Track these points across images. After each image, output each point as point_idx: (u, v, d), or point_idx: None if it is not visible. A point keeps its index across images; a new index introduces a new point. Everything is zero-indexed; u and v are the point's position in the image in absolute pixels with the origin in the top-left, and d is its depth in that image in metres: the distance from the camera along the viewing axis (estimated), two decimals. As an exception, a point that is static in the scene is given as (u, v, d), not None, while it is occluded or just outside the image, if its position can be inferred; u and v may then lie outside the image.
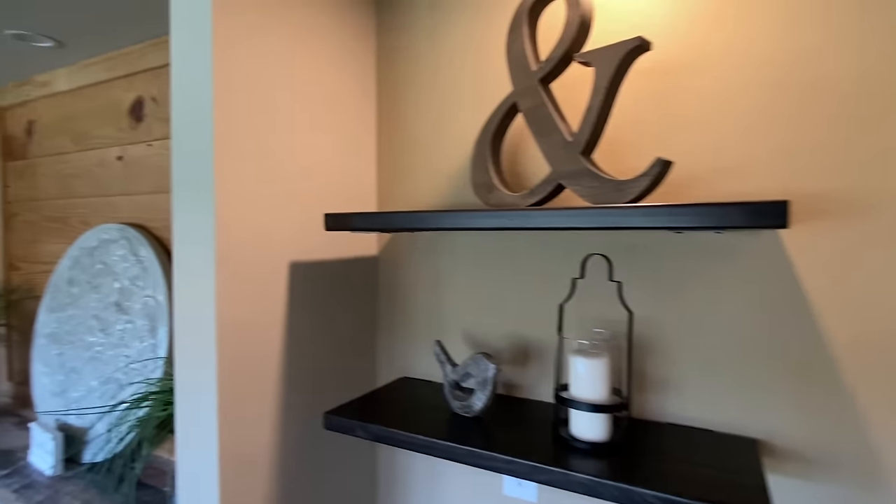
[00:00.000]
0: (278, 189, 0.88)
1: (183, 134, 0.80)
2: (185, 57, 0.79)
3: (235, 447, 0.82)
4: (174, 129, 0.81)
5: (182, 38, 0.79)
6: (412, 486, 1.11)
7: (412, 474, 1.11)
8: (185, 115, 0.80)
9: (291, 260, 0.91)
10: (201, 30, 0.77)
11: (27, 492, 1.30)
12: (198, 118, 0.78)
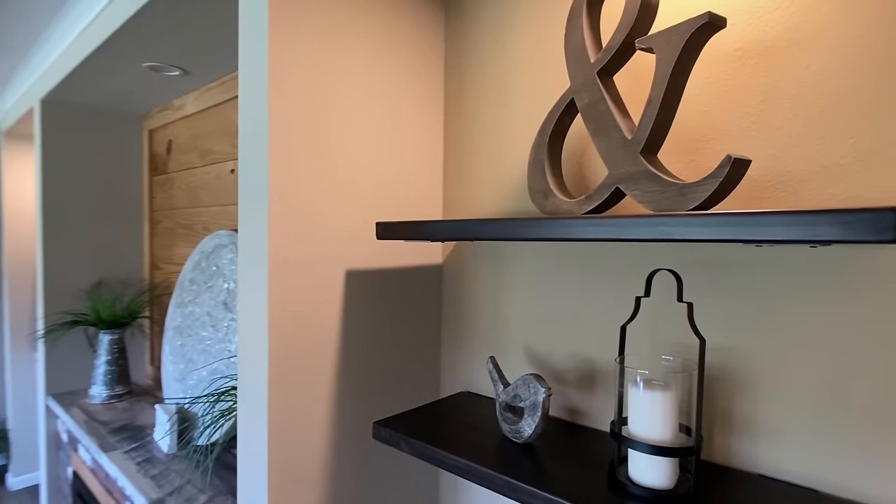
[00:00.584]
0: (337, 200, 0.89)
1: (246, 149, 0.85)
2: (247, 79, 0.84)
3: (283, 451, 0.84)
4: (241, 145, 0.86)
5: (246, 62, 0.84)
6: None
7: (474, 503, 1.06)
8: (246, 133, 0.85)
9: (348, 268, 0.92)
10: (259, 51, 0.81)
11: (146, 465, 1.48)
12: (256, 135, 0.83)
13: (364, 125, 0.93)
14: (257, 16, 0.82)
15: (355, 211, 0.93)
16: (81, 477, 1.88)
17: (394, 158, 0.99)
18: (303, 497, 0.87)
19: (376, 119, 0.95)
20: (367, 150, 0.94)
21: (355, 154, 0.92)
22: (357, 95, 0.92)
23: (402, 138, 1.00)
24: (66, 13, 1.59)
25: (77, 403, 2.03)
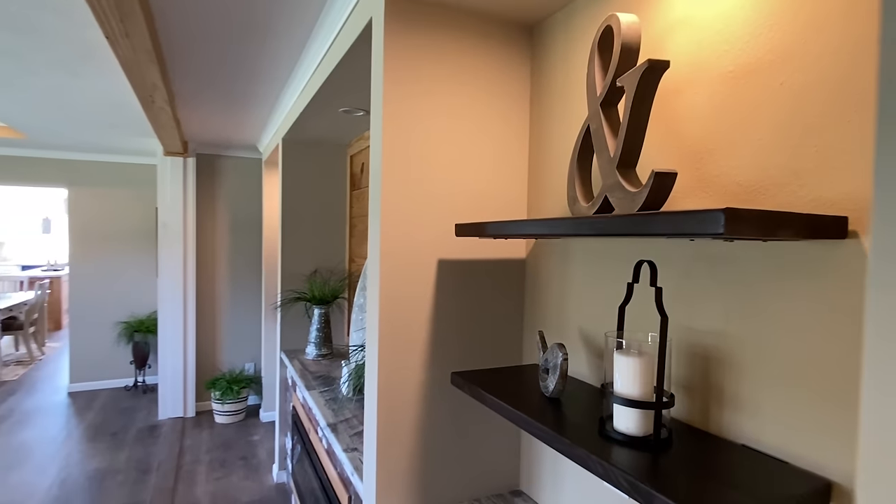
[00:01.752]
0: (432, 205, 1.22)
1: (372, 171, 1.24)
2: (374, 118, 1.23)
3: (389, 403, 1.20)
4: (371, 168, 1.26)
5: (375, 101, 1.23)
6: (546, 465, 1.28)
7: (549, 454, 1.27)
8: (373, 158, 1.24)
9: (439, 258, 1.24)
10: (377, 98, 1.19)
11: (331, 402, 2.03)
12: (375, 160, 1.21)
13: (457, 147, 1.24)
14: (377, 71, 1.20)
15: (447, 214, 1.24)
16: (297, 410, 2.59)
17: (483, 173, 1.28)
18: (400, 423, 1.22)
19: (469, 142, 1.26)
20: (459, 166, 1.25)
21: (449, 169, 1.24)
22: (455, 125, 1.23)
23: (492, 157, 1.28)
24: (293, 78, 2.26)
25: (298, 358, 2.78)
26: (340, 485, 1.68)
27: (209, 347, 4.22)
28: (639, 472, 0.69)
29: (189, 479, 3.04)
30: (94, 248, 4.72)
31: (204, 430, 3.80)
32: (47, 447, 3.45)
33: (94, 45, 1.83)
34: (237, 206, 4.29)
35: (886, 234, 0.50)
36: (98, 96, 2.57)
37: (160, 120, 2.75)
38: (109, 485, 2.96)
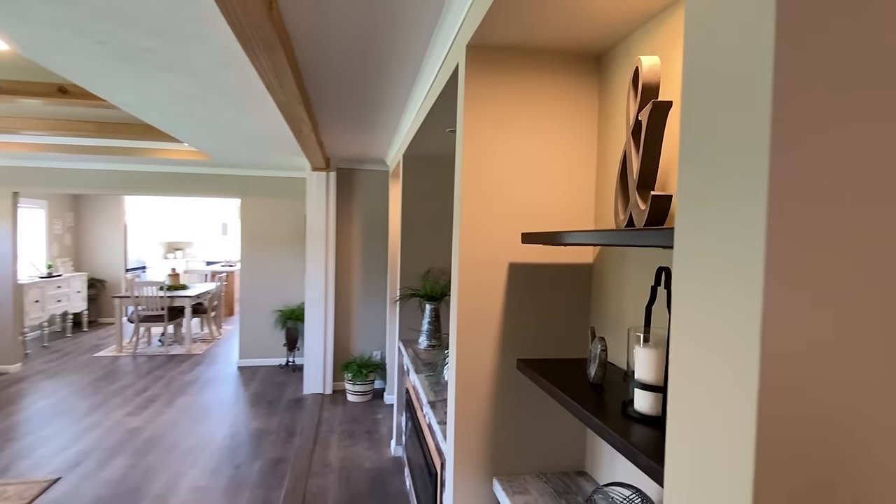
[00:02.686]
0: (507, 218, 1.45)
1: (455, 185, 1.50)
2: (457, 141, 1.49)
3: (466, 383, 1.45)
4: (455, 183, 1.52)
5: (458, 130, 1.49)
6: (605, 447, 1.43)
7: (600, 434, 1.42)
8: (456, 174, 1.50)
9: (511, 261, 1.46)
10: (460, 125, 1.45)
11: (435, 385, 2.34)
12: (457, 176, 1.47)
13: (528, 165, 1.45)
14: (460, 106, 1.45)
15: (518, 224, 1.46)
16: (409, 392, 2.96)
17: (552, 187, 1.47)
18: (474, 401, 1.46)
19: (539, 161, 1.46)
20: (530, 181, 1.46)
21: (520, 185, 1.45)
22: (526, 147, 1.45)
23: (560, 173, 1.47)
24: (407, 107, 2.62)
25: (412, 347, 3.15)
26: (436, 453, 1.97)
27: (344, 335, 4.86)
28: (636, 441, 0.85)
29: (324, 444, 3.60)
30: (259, 247, 5.68)
31: (338, 406, 4.41)
32: (221, 408, 4.31)
33: (258, 92, 2.36)
34: (368, 213, 4.88)
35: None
36: (262, 127, 3.21)
37: (307, 143, 3.33)
38: (265, 441, 3.64)
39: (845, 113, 0.44)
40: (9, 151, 4.68)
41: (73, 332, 7.17)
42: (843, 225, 0.45)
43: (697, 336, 0.53)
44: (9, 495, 2.81)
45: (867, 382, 0.46)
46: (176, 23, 1.62)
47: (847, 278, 0.45)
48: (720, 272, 0.49)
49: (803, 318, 0.44)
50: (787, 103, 0.43)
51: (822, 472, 0.46)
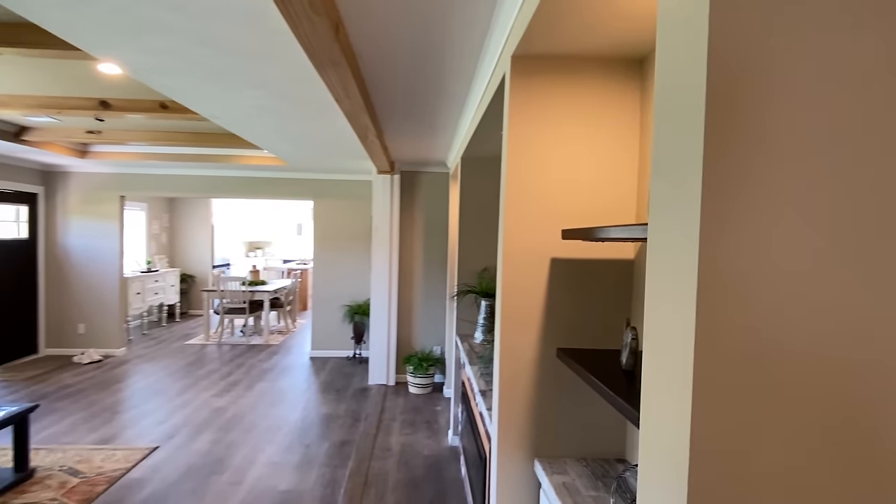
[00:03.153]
0: (549, 215, 1.54)
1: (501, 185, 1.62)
2: (503, 145, 1.60)
3: (509, 371, 1.56)
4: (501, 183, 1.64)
5: (504, 134, 1.60)
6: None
7: (638, 423, 1.49)
8: (502, 176, 1.61)
9: (552, 256, 1.55)
10: (505, 129, 1.56)
11: (486, 376, 2.45)
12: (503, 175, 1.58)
13: (570, 166, 1.54)
14: (506, 112, 1.57)
15: (560, 221, 1.55)
16: (465, 384, 3.09)
17: (593, 185, 1.55)
18: (517, 388, 1.57)
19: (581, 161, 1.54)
20: (572, 181, 1.54)
21: (561, 184, 1.54)
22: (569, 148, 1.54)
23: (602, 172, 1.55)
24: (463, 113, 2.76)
25: (468, 341, 3.29)
26: (485, 438, 2.09)
27: (406, 330, 5.09)
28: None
29: (386, 431, 3.82)
30: (330, 246, 6.05)
31: (400, 397, 4.63)
32: (295, 393, 4.66)
33: (328, 103, 2.59)
34: (429, 213, 5.08)
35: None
36: (332, 135, 3.47)
37: (373, 148, 3.56)
38: (333, 425, 3.91)
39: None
40: (116, 160, 5.33)
41: (168, 322, 7.96)
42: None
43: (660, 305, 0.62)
44: (117, 458, 3.24)
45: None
46: (259, 46, 1.85)
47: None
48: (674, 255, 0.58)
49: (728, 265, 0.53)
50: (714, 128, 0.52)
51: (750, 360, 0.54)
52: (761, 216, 0.55)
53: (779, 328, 0.56)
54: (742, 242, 0.55)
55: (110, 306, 5.89)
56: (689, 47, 0.58)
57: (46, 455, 3.27)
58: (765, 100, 0.54)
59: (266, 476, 3.08)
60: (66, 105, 3.32)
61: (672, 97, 0.62)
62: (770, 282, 0.55)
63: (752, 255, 0.55)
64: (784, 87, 0.54)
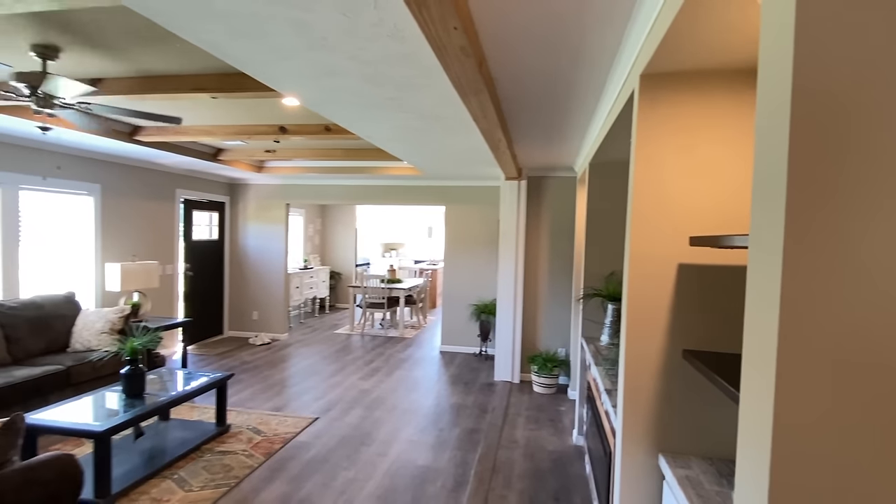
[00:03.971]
0: (676, 222, 1.64)
1: (629, 192, 1.74)
2: (631, 155, 1.72)
3: (633, 370, 1.68)
4: (628, 191, 1.76)
5: (632, 145, 1.72)
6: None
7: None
8: (629, 184, 1.73)
9: (680, 262, 1.64)
10: (633, 140, 1.68)
11: (612, 376, 2.55)
12: (630, 184, 1.70)
13: (697, 174, 1.62)
14: (634, 124, 1.68)
15: (689, 228, 1.63)
16: (590, 385, 3.18)
17: (720, 194, 1.61)
18: (641, 387, 1.67)
19: (708, 170, 1.61)
20: (698, 189, 1.62)
21: (688, 192, 1.62)
22: (695, 158, 1.62)
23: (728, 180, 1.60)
24: (591, 123, 2.86)
25: (593, 343, 3.36)
26: (610, 434, 2.20)
27: (531, 330, 5.26)
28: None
29: (512, 424, 4.03)
30: (459, 248, 6.45)
31: (524, 394, 4.81)
32: (428, 383, 5.08)
33: (465, 121, 2.88)
34: (556, 217, 5.18)
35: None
36: (466, 147, 3.79)
37: (502, 158, 3.80)
38: (462, 413, 4.23)
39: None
40: (284, 173, 6.27)
41: (319, 313, 9.05)
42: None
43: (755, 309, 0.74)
44: (288, 424, 3.89)
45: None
46: (413, 80, 2.19)
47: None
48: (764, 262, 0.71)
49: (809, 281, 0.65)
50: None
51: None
52: (843, 230, 0.66)
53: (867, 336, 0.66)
54: (824, 253, 0.67)
55: (277, 298, 6.92)
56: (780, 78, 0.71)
57: (237, 416, 4.04)
58: (843, 121, 0.66)
59: (406, 451, 3.48)
60: (253, 131, 4.07)
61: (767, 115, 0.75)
62: (855, 286, 0.66)
63: (833, 264, 0.66)
64: (859, 111, 0.65)
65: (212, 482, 2.97)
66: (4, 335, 3.80)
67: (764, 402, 0.71)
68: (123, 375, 3.17)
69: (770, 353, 0.71)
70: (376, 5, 1.43)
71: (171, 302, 6.01)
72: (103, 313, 4.31)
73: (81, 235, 4.87)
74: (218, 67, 2.75)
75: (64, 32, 2.33)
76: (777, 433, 0.68)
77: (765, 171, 0.75)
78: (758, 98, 0.78)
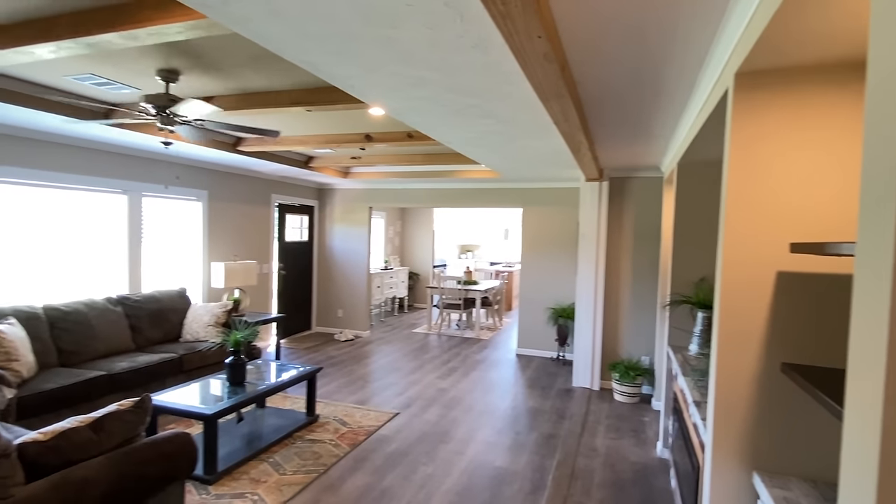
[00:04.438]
0: (775, 228, 1.54)
1: (722, 195, 1.66)
2: (724, 157, 1.64)
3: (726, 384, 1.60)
4: (721, 194, 1.68)
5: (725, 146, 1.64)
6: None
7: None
8: (722, 187, 1.65)
9: (779, 270, 1.54)
10: (727, 141, 1.60)
11: (702, 388, 2.42)
12: (723, 186, 1.63)
13: (797, 177, 1.52)
14: (728, 124, 1.61)
15: (784, 234, 1.53)
16: (676, 396, 3.04)
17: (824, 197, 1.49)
18: (734, 401, 1.59)
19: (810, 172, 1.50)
20: (799, 192, 1.51)
21: (789, 195, 1.52)
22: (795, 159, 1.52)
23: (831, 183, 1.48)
24: (682, 121, 2.74)
25: (681, 352, 3.21)
26: (698, 448, 2.10)
27: (612, 336, 5.10)
28: None
29: (591, 432, 3.94)
30: (536, 251, 6.39)
31: (605, 402, 4.68)
32: (504, 385, 5.09)
33: (545, 125, 2.87)
34: (639, 219, 4.99)
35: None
36: (546, 150, 3.76)
37: (583, 160, 3.73)
38: (539, 417, 4.20)
39: None
40: (367, 178, 6.55)
41: (398, 312, 9.35)
42: None
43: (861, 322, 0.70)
44: (370, 417, 4.08)
45: None
46: (493, 88, 2.23)
47: None
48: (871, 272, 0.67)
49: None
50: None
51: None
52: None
53: None
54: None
55: (360, 296, 7.25)
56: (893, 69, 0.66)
57: (324, 407, 4.30)
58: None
59: (483, 452, 3.52)
60: (342, 140, 4.31)
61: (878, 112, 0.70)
62: None
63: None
64: None
65: (303, 468, 3.19)
66: (130, 325, 4.33)
67: (870, 421, 0.68)
68: (227, 365, 3.50)
69: (878, 368, 0.67)
70: (462, 19, 1.48)
71: (266, 298, 6.50)
72: (209, 307, 4.76)
73: (191, 237, 5.41)
74: (312, 83, 2.96)
75: (184, 57, 2.62)
76: (885, 456, 0.64)
77: (874, 172, 0.70)
78: (867, 93, 0.73)
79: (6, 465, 1.57)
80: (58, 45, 2.14)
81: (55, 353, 3.70)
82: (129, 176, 4.66)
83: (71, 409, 3.30)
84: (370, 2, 1.41)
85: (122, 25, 1.96)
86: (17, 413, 2.98)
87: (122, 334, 4.20)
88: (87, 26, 2.02)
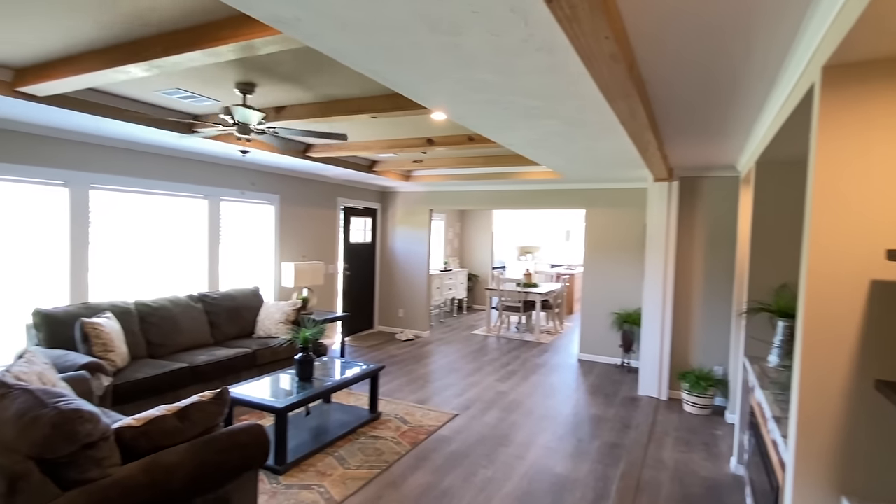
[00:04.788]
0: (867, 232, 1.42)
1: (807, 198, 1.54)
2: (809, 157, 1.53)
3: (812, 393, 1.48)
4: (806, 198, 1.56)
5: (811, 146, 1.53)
6: None
7: None
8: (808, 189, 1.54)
9: (873, 278, 1.41)
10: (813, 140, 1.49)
11: (782, 403, 2.26)
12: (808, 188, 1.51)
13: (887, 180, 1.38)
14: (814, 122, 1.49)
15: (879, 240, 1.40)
16: (753, 409, 2.85)
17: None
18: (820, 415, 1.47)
19: None
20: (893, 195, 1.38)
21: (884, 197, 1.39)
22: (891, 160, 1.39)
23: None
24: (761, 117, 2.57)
25: (758, 364, 3.01)
26: (778, 468, 1.96)
27: (682, 344, 4.86)
28: None
29: (658, 444, 3.78)
30: (600, 253, 6.21)
31: (673, 413, 4.47)
32: (565, 390, 4.99)
33: (611, 124, 2.79)
34: (713, 221, 4.73)
35: None
36: (610, 150, 3.66)
37: (651, 159, 3.59)
38: (602, 426, 4.08)
39: None
40: (428, 181, 6.64)
41: (457, 314, 9.40)
42: None
43: None
44: (431, 417, 4.13)
45: None
46: (556, 89, 2.20)
47: None
48: None
49: None
50: None
51: None
52: None
53: None
54: None
55: (420, 297, 7.36)
56: None
57: (386, 405, 4.40)
58: None
59: (543, 457, 3.47)
60: (404, 144, 4.40)
61: None
62: None
63: None
64: None
65: (366, 463, 3.29)
66: (209, 321, 4.64)
67: None
68: (297, 361, 3.67)
69: None
70: (527, 23, 1.48)
71: (332, 298, 6.75)
72: (280, 306, 5.01)
73: (264, 238, 5.72)
74: (377, 90, 3.05)
75: (260, 70, 2.79)
76: None
77: None
78: None
79: (105, 447, 1.74)
80: (150, 64, 2.34)
81: (144, 346, 4.03)
82: (209, 182, 5.00)
83: (158, 397, 3.59)
84: (435, 11, 1.44)
85: (205, 44, 2.11)
86: (112, 399, 3.28)
87: (202, 329, 4.51)
88: (176, 45, 2.20)
